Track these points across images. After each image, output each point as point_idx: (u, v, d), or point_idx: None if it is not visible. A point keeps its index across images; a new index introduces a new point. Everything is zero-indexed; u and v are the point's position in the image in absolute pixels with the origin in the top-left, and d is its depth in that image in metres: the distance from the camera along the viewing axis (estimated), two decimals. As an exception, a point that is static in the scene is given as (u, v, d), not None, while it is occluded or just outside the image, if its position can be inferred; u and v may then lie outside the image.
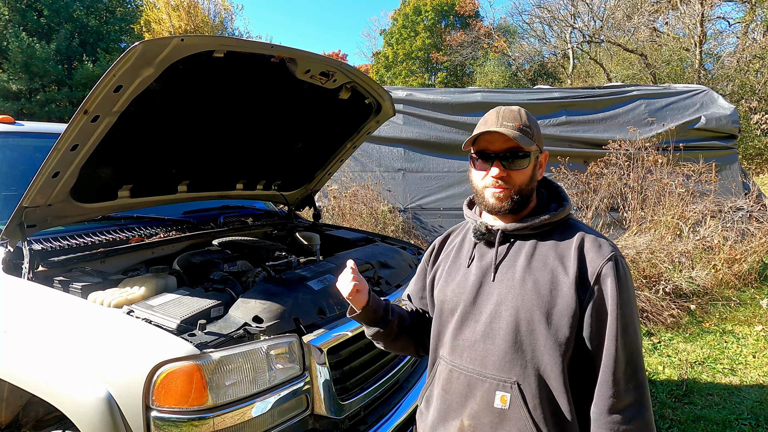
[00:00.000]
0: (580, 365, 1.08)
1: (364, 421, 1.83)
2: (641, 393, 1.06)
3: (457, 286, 1.21)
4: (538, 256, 1.13)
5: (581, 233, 1.14)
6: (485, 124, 1.15)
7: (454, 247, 1.31)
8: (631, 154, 6.05)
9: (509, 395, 1.07)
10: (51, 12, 20.28)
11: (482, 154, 1.16)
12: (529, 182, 1.16)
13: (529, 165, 1.15)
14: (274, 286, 1.84)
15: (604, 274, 1.06)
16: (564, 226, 1.17)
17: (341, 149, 2.88)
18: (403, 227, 6.02)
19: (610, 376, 1.04)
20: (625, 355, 1.05)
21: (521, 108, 1.17)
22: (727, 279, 5.17)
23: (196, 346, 1.39)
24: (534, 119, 1.18)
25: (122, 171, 2.05)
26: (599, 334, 1.06)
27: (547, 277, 1.09)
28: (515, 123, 1.13)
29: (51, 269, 1.81)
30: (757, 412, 3.03)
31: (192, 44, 1.56)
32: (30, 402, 1.79)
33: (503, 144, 1.13)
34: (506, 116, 1.14)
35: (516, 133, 1.10)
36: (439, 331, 1.25)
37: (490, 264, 1.17)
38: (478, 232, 1.20)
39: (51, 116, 18.38)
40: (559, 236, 1.15)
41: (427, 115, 6.63)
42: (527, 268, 1.12)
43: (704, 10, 14.96)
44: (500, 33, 27.67)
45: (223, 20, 23.70)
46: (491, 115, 1.17)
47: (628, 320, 1.06)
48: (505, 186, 1.14)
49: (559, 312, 1.06)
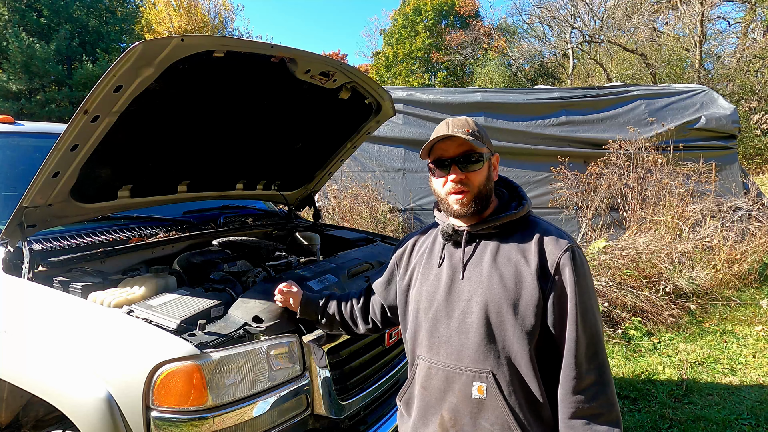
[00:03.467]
0: (546, 351, 1.16)
1: (364, 421, 1.83)
2: (602, 372, 1.14)
3: (430, 285, 1.27)
4: (502, 253, 1.20)
5: (541, 228, 1.22)
6: (437, 133, 1.24)
7: (426, 248, 1.38)
8: (631, 154, 6.06)
9: (485, 385, 1.14)
10: (51, 12, 20.28)
11: (438, 162, 1.24)
12: (487, 182, 1.24)
13: (483, 166, 1.23)
14: (274, 286, 1.84)
15: (562, 264, 1.14)
16: (525, 223, 1.25)
17: (341, 149, 2.88)
18: (403, 227, 6.03)
19: (573, 358, 1.12)
20: (586, 338, 1.12)
21: (468, 117, 1.27)
22: (727, 279, 5.17)
23: (196, 346, 1.39)
24: (482, 126, 1.28)
25: (122, 171, 2.05)
26: (561, 320, 1.14)
27: (512, 270, 1.16)
28: (465, 129, 1.21)
29: (51, 269, 1.81)
30: (757, 412, 3.03)
31: (192, 44, 1.56)
32: (30, 402, 1.79)
33: (457, 149, 1.21)
34: (455, 124, 1.23)
35: (467, 137, 1.19)
36: (416, 331, 1.30)
37: (459, 263, 1.24)
38: (445, 233, 1.28)
39: (51, 116, 18.38)
40: (520, 233, 1.23)
41: (427, 115, 6.63)
42: (493, 264, 1.19)
43: (704, 10, 14.97)
44: (500, 33, 27.68)
45: (223, 20, 23.71)
46: (442, 126, 1.26)
47: (587, 305, 1.14)
48: (465, 189, 1.21)
49: (525, 302, 1.13)
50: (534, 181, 6.47)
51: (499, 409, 1.13)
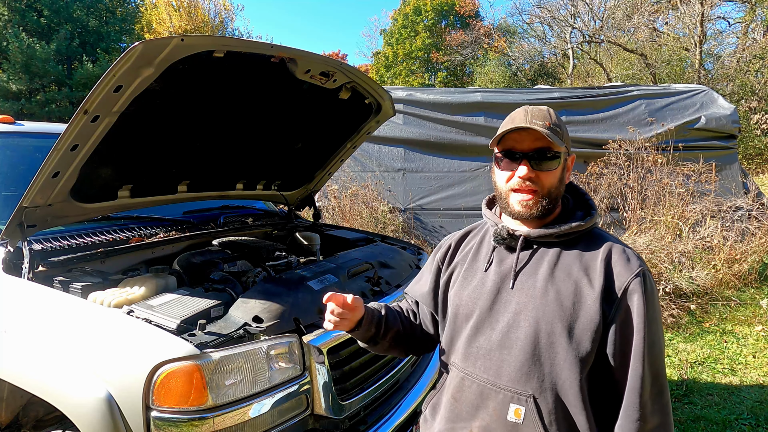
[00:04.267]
0: (598, 382, 1.04)
1: (364, 421, 1.82)
2: (666, 413, 1.02)
3: (473, 290, 1.15)
4: (561, 266, 1.08)
5: (608, 244, 1.08)
6: (512, 122, 1.08)
7: (471, 248, 1.24)
8: (630, 154, 6.05)
9: (524, 409, 1.03)
10: (51, 12, 20.28)
11: (509, 154, 1.09)
12: (558, 185, 1.10)
13: (558, 166, 1.09)
14: (274, 286, 1.84)
15: (631, 289, 1.01)
16: (590, 236, 1.12)
17: (341, 149, 2.88)
18: (403, 227, 6.02)
19: (637, 398, 0.99)
20: (651, 375, 1.00)
21: (549, 107, 1.12)
22: (727, 279, 5.17)
23: (196, 346, 1.39)
24: (563, 120, 1.13)
25: (122, 171, 2.05)
26: (624, 352, 1.01)
27: (571, 288, 1.04)
28: (545, 122, 1.06)
29: (51, 269, 1.81)
30: (757, 412, 3.03)
31: (192, 44, 1.56)
32: (30, 402, 1.79)
33: (532, 143, 1.07)
34: (535, 114, 1.08)
35: (547, 131, 1.04)
36: (452, 337, 1.19)
37: (510, 270, 1.11)
38: (499, 236, 1.14)
39: (51, 116, 18.39)
40: (584, 246, 1.10)
41: (427, 115, 6.62)
42: (550, 278, 1.06)
43: (704, 10, 14.97)
44: (500, 33, 27.67)
45: (223, 20, 23.72)
46: (518, 113, 1.10)
47: (655, 338, 1.02)
48: (533, 188, 1.08)
49: (582, 326, 1.01)
50: (534, 181, 6.47)
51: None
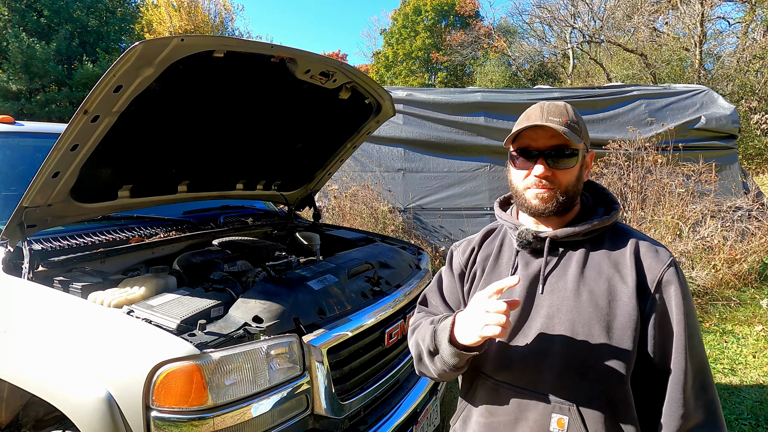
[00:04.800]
0: (638, 383, 1.00)
1: (364, 421, 1.82)
2: (713, 410, 0.97)
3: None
4: (591, 265, 1.04)
5: (634, 238, 1.06)
6: (528, 119, 1.05)
7: (491, 252, 1.18)
8: (630, 154, 6.05)
9: (567, 419, 0.97)
10: (51, 12, 20.27)
11: (524, 152, 1.05)
12: (576, 183, 1.07)
13: (576, 164, 1.05)
14: (274, 286, 1.84)
15: (666, 281, 0.99)
16: (614, 231, 1.09)
17: (341, 149, 2.88)
18: (403, 227, 6.02)
19: (680, 393, 0.95)
20: (693, 368, 0.97)
21: (567, 103, 1.08)
22: (727, 279, 5.17)
23: (196, 346, 1.39)
24: (580, 115, 1.08)
25: (122, 171, 2.05)
26: (665, 346, 0.98)
27: (604, 286, 1.00)
28: (562, 118, 1.02)
29: (51, 269, 1.81)
30: (757, 412, 3.03)
31: (192, 44, 1.56)
32: (30, 402, 1.79)
33: (548, 141, 1.03)
34: (552, 111, 1.04)
35: (564, 128, 1.00)
36: None
37: (538, 274, 1.07)
38: (524, 240, 1.08)
39: (51, 116, 18.38)
40: (610, 242, 1.07)
41: (427, 115, 6.62)
42: (580, 278, 1.03)
43: (704, 10, 14.97)
44: (500, 33, 27.65)
45: (223, 20, 23.71)
46: (534, 110, 1.06)
47: (694, 330, 0.98)
48: (550, 186, 1.04)
49: (621, 325, 0.97)
50: (534, 181, 6.47)
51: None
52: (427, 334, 1.08)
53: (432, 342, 1.05)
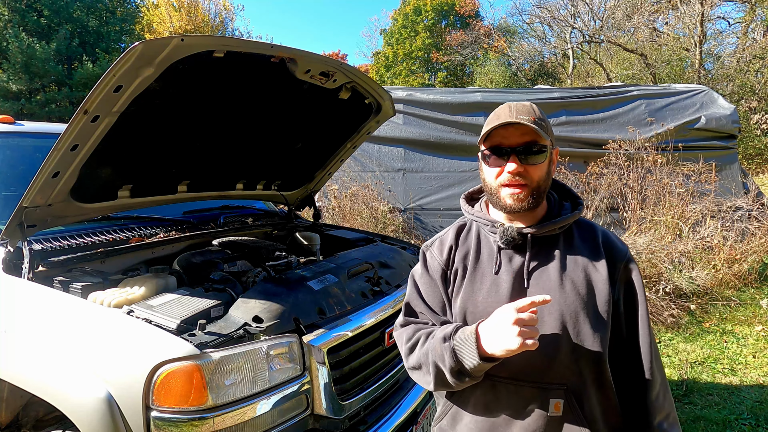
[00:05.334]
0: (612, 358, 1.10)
1: (364, 421, 1.83)
2: (663, 371, 1.13)
3: (487, 295, 1.12)
4: (568, 257, 1.12)
5: (598, 230, 1.17)
6: (498, 118, 1.09)
7: (469, 251, 1.19)
8: (630, 154, 6.06)
9: (562, 401, 1.05)
10: (51, 12, 20.28)
11: (496, 150, 1.10)
12: (546, 178, 1.13)
13: (545, 159, 1.11)
14: (274, 286, 1.84)
15: (629, 267, 1.12)
16: (578, 224, 1.19)
17: (341, 149, 2.88)
18: (403, 227, 6.02)
19: (649, 362, 1.09)
20: (650, 339, 1.10)
21: (532, 103, 1.15)
22: (727, 279, 5.17)
23: (196, 346, 1.39)
24: (545, 114, 1.15)
25: (122, 171, 2.05)
26: (633, 323, 1.11)
27: (582, 275, 1.09)
28: (530, 116, 1.08)
29: (51, 269, 1.81)
30: (757, 412, 3.03)
31: (192, 44, 1.56)
32: (30, 402, 1.79)
33: (519, 138, 1.08)
34: (520, 110, 1.10)
35: (533, 125, 1.06)
36: None
37: (521, 269, 1.12)
38: (509, 237, 1.12)
39: (51, 116, 18.38)
40: (579, 234, 1.16)
41: (427, 115, 6.63)
42: (562, 270, 1.10)
43: (704, 10, 14.97)
44: (500, 33, 27.66)
45: (223, 20, 23.71)
46: (503, 110, 1.12)
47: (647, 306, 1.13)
48: (523, 182, 1.09)
49: (601, 308, 1.07)
50: (534, 181, 6.47)
51: (578, 427, 1.05)
52: (445, 353, 1.04)
53: (453, 360, 1.03)
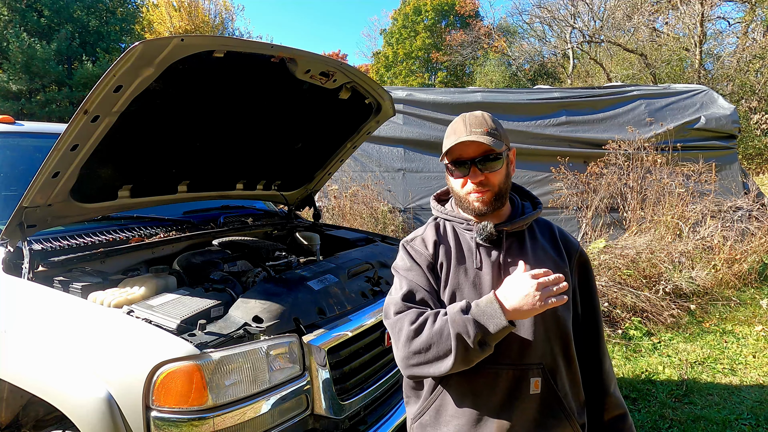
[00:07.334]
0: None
1: (364, 421, 1.83)
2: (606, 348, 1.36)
3: (471, 288, 1.21)
4: (536, 249, 1.26)
5: (553, 226, 1.35)
6: (455, 134, 1.21)
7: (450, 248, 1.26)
8: (630, 154, 6.06)
9: (540, 379, 1.17)
10: (51, 12, 20.30)
11: (458, 163, 1.22)
12: (506, 180, 1.25)
13: (503, 165, 1.22)
14: (274, 286, 1.84)
15: (584, 256, 1.32)
16: (537, 221, 1.34)
17: (341, 149, 2.88)
18: (403, 227, 6.03)
19: (603, 337, 1.31)
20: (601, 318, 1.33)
21: (483, 112, 1.26)
22: (727, 279, 5.17)
23: (196, 346, 1.39)
24: (497, 120, 1.26)
25: (122, 171, 2.05)
26: (591, 304, 1.31)
27: (551, 264, 1.22)
28: (483, 128, 1.20)
29: (51, 269, 1.81)
30: (757, 412, 3.03)
31: (192, 44, 1.56)
32: (30, 402, 1.79)
33: (476, 150, 1.20)
34: (473, 123, 1.22)
35: (487, 138, 1.17)
36: None
37: (498, 261, 1.23)
38: (487, 234, 1.23)
39: (51, 116, 18.39)
40: (539, 229, 1.31)
41: (427, 115, 6.62)
42: (534, 260, 1.22)
43: (704, 10, 14.97)
44: (500, 33, 27.66)
45: (223, 20, 23.72)
46: (458, 125, 1.23)
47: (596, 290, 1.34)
48: (486, 188, 1.21)
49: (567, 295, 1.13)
50: (534, 181, 6.48)
51: (553, 402, 1.17)
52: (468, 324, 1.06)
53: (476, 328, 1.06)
